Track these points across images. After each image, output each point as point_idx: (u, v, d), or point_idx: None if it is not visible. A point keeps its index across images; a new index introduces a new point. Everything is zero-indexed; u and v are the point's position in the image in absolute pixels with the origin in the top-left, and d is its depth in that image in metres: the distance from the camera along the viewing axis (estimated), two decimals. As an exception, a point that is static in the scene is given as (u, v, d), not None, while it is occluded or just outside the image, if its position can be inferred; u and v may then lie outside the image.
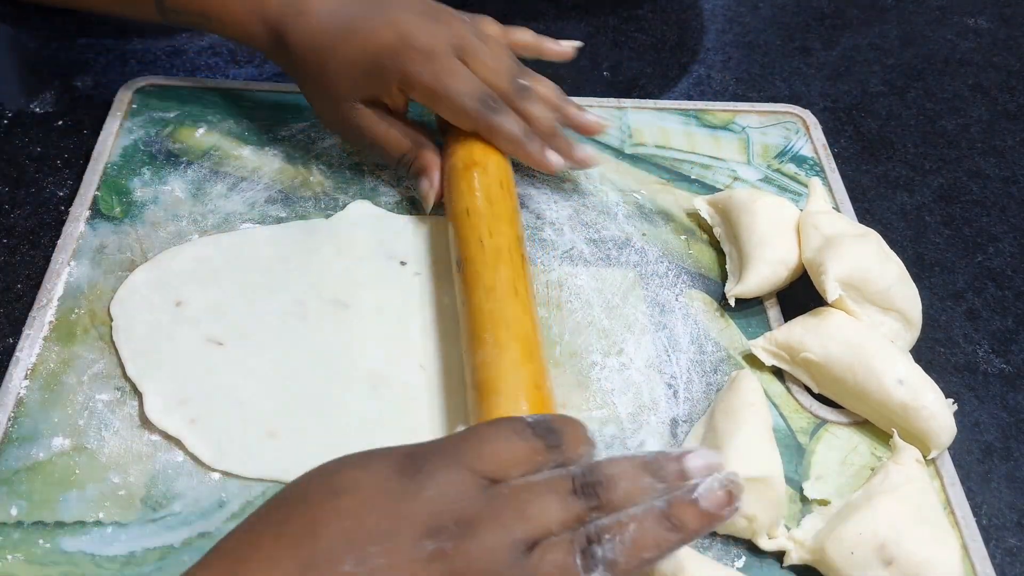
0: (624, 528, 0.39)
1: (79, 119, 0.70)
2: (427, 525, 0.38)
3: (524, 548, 0.38)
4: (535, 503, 0.39)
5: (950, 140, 0.79)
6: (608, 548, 0.39)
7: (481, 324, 0.53)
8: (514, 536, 0.38)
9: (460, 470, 0.39)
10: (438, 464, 0.40)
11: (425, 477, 0.39)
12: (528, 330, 0.53)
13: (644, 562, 0.40)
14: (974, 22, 0.91)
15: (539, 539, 0.39)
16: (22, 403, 0.53)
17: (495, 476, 0.40)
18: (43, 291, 0.58)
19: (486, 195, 0.59)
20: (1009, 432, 0.59)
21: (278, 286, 0.60)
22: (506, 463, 0.40)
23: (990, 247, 0.70)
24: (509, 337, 0.52)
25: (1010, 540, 0.54)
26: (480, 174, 0.60)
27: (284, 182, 0.66)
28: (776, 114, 0.76)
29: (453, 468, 0.39)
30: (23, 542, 0.48)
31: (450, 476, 0.39)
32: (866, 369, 0.55)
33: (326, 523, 0.37)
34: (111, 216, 0.63)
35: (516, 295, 0.54)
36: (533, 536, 0.39)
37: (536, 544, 0.39)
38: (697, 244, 0.66)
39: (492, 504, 0.39)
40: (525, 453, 0.41)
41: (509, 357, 0.51)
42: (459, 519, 0.38)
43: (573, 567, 0.38)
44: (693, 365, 0.59)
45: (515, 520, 0.39)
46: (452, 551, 0.37)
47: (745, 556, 0.50)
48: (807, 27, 0.89)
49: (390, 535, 0.37)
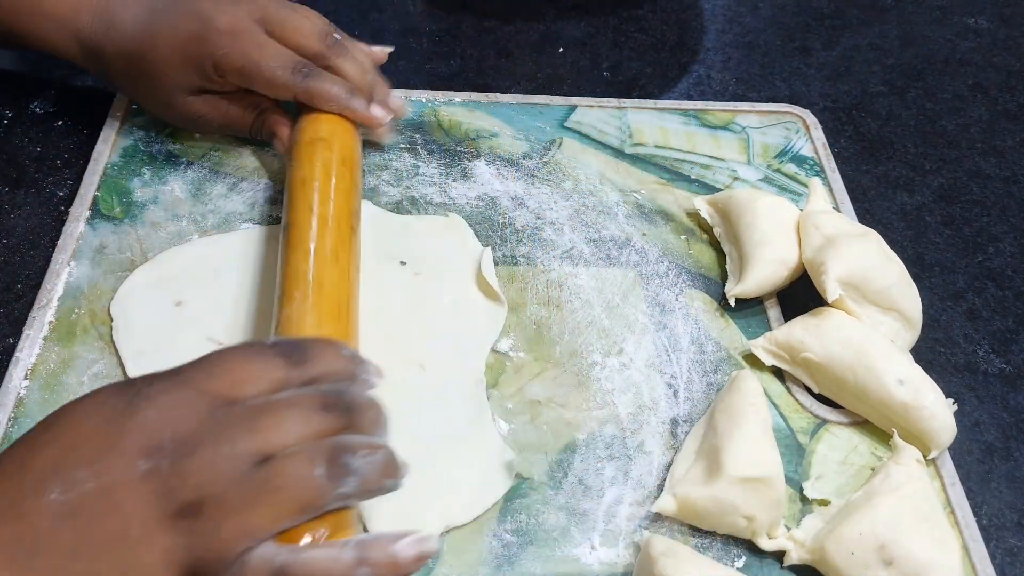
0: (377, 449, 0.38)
1: (79, 119, 0.70)
2: (141, 445, 0.36)
3: (253, 461, 0.36)
4: (268, 416, 0.37)
5: (950, 140, 0.79)
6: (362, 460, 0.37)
7: (294, 282, 0.52)
8: (238, 448, 0.36)
9: (185, 389, 0.38)
10: (162, 386, 0.38)
11: (144, 399, 0.37)
12: (343, 295, 0.53)
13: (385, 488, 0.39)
14: (974, 22, 0.91)
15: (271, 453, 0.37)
16: (22, 403, 0.53)
17: (228, 396, 0.38)
18: (43, 291, 0.58)
19: (324, 168, 0.59)
20: (1009, 432, 0.59)
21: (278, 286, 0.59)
22: (240, 381, 0.38)
23: (990, 247, 0.70)
24: (321, 297, 0.51)
25: (1010, 540, 0.54)
26: (323, 149, 0.60)
27: (284, 182, 0.66)
28: (776, 114, 0.76)
29: (178, 388, 0.38)
30: (23, 542, 0.47)
31: (173, 396, 0.37)
32: (866, 369, 0.55)
33: (35, 454, 0.36)
34: (111, 216, 0.63)
35: (336, 261, 0.54)
36: (263, 449, 0.37)
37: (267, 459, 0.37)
38: (697, 244, 0.66)
39: (218, 421, 0.37)
40: (262, 370, 0.39)
41: (315, 315, 0.50)
42: (177, 436, 0.36)
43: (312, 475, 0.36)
44: (693, 365, 0.59)
45: (241, 433, 0.37)
46: (167, 469, 0.35)
47: (745, 556, 0.50)
48: (807, 27, 0.89)
49: (100, 458, 0.35)
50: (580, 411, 0.56)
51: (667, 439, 0.55)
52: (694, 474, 0.51)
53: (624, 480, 0.53)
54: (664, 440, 0.55)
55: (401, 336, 0.58)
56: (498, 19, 0.69)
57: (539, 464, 0.53)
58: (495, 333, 0.59)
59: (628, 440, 0.55)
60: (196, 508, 0.35)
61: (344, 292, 0.53)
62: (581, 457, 0.54)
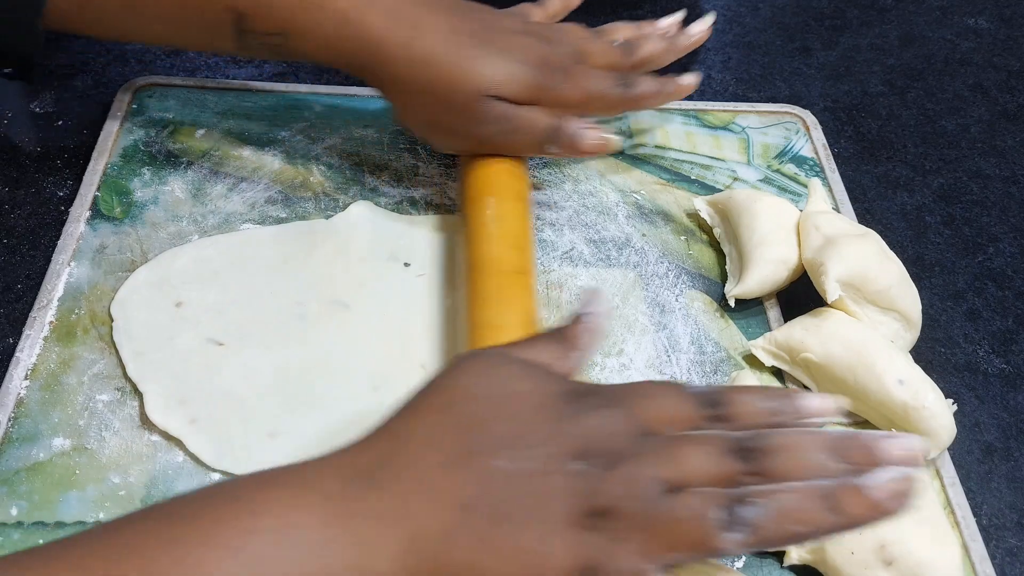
0: (776, 496, 0.38)
1: (79, 119, 0.70)
2: (579, 448, 0.39)
3: (665, 488, 0.38)
4: (684, 450, 0.40)
5: (950, 140, 0.79)
6: (754, 511, 0.37)
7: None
8: (656, 473, 0.39)
9: (620, 412, 0.41)
10: (601, 401, 0.41)
11: (587, 408, 0.40)
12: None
13: (791, 536, 0.38)
14: (974, 22, 0.91)
15: (683, 485, 0.39)
16: (22, 403, 0.53)
17: (651, 426, 0.41)
18: (43, 291, 0.58)
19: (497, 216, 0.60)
20: (1009, 432, 0.59)
21: (278, 286, 0.60)
22: (666, 420, 0.41)
23: (990, 247, 0.70)
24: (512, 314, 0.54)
25: (1010, 540, 0.54)
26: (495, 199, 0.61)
27: (284, 182, 0.66)
28: (776, 114, 0.76)
29: (614, 408, 0.41)
30: (23, 542, 0.47)
31: (610, 414, 0.40)
32: (866, 369, 0.55)
33: (492, 419, 0.40)
34: (111, 216, 0.63)
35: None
36: (676, 479, 0.39)
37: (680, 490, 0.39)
38: (697, 244, 0.66)
39: (642, 445, 0.40)
40: (688, 416, 0.41)
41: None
42: (608, 451, 0.39)
43: (710, 519, 0.37)
44: (693, 365, 0.59)
45: (660, 460, 0.39)
46: (595, 476, 0.38)
47: (745, 556, 0.50)
48: (807, 27, 0.89)
49: (546, 445, 0.39)
50: (580, 411, 0.56)
51: (667, 439, 0.55)
52: (694, 474, 0.51)
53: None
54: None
55: (402, 336, 0.58)
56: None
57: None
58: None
59: (628, 440, 0.55)
60: (606, 515, 0.38)
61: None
62: (581, 457, 0.54)
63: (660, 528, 0.38)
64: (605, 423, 0.40)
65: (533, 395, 0.41)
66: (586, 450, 0.39)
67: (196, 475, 0.51)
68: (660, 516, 0.38)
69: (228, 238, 0.62)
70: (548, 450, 0.39)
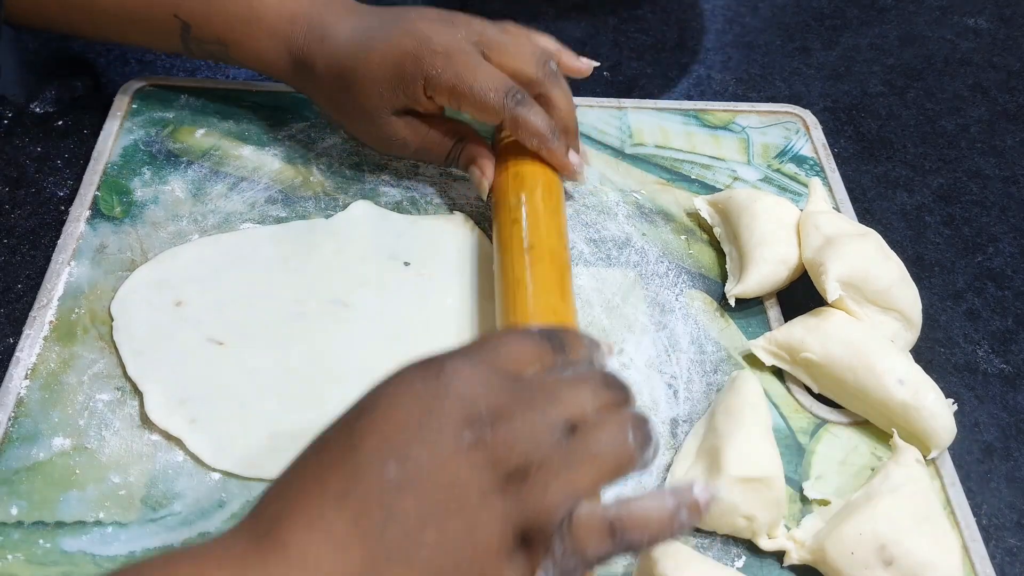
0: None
1: (79, 119, 0.70)
2: (461, 416, 0.38)
3: (564, 428, 0.39)
4: (566, 389, 0.41)
5: (950, 140, 0.79)
6: (651, 427, 0.41)
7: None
8: (550, 417, 0.39)
9: (481, 365, 0.40)
10: (459, 363, 0.40)
11: (449, 375, 0.39)
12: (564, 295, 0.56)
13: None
14: (974, 22, 0.91)
15: (576, 422, 0.40)
16: (22, 403, 0.53)
17: (515, 373, 0.41)
18: (43, 291, 0.58)
19: (530, 201, 0.61)
20: (1009, 432, 0.59)
21: (278, 286, 0.60)
22: (520, 361, 0.42)
23: (990, 247, 0.70)
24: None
25: (1010, 540, 0.54)
26: (528, 180, 0.61)
27: (284, 182, 0.66)
28: (776, 114, 0.76)
29: (475, 365, 0.40)
30: (23, 542, 0.48)
31: (474, 371, 0.40)
32: (866, 369, 0.55)
33: (362, 437, 0.38)
34: (111, 216, 0.63)
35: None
36: (569, 417, 0.40)
37: (575, 428, 0.39)
38: (697, 244, 0.66)
39: (522, 392, 0.40)
40: (536, 352, 0.42)
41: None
42: (491, 407, 0.38)
43: (630, 444, 0.40)
44: (693, 365, 0.59)
45: (548, 403, 0.40)
46: (491, 438, 0.38)
47: (745, 556, 0.50)
48: (807, 27, 0.89)
49: (427, 432, 0.37)
50: (580, 411, 0.56)
51: (667, 439, 0.55)
52: (694, 474, 0.51)
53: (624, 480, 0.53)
54: (664, 440, 0.55)
55: (402, 336, 0.58)
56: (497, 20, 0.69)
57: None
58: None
59: (628, 440, 0.55)
60: (523, 473, 0.38)
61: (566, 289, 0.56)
62: (581, 457, 0.54)
63: (583, 466, 0.39)
64: (475, 381, 0.39)
65: (390, 393, 0.39)
66: (469, 415, 0.38)
67: (196, 475, 0.51)
68: (578, 455, 0.39)
69: (228, 238, 0.62)
70: (433, 435, 0.37)
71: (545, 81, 0.62)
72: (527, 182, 0.61)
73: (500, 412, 0.39)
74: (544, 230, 0.58)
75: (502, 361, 0.41)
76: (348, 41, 0.61)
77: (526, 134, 0.61)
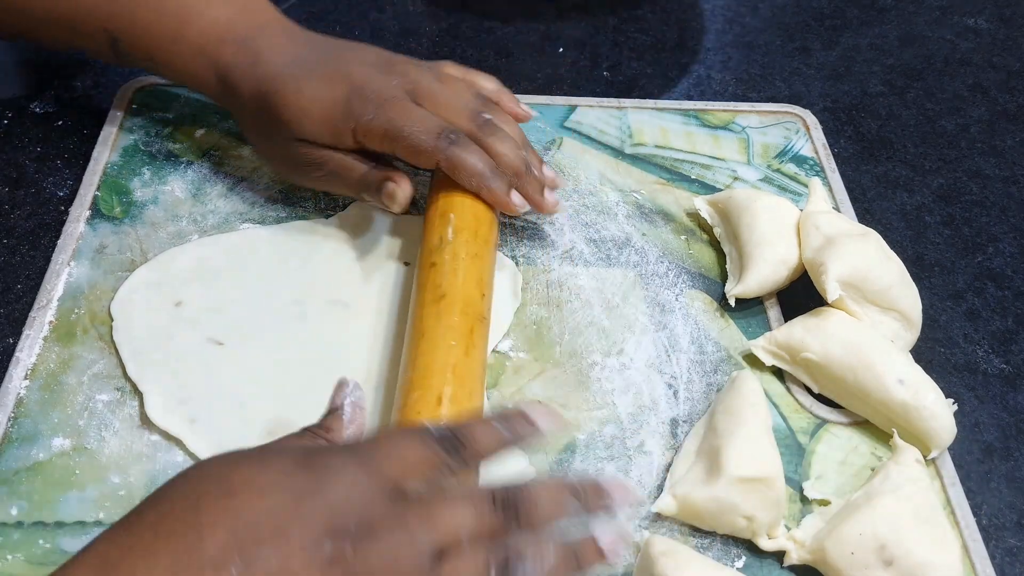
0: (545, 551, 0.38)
1: (79, 119, 0.70)
2: (326, 525, 0.35)
3: (431, 556, 0.36)
4: (446, 510, 0.38)
5: (950, 140, 0.79)
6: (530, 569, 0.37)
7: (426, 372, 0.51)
8: (419, 542, 0.36)
9: (363, 470, 0.37)
10: (340, 463, 0.37)
11: (327, 475, 0.37)
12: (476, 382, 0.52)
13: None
14: (974, 22, 0.91)
15: (448, 549, 0.37)
16: (22, 403, 0.53)
17: (398, 479, 0.38)
18: (43, 291, 0.58)
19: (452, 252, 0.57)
20: (1009, 432, 0.59)
21: (278, 286, 0.60)
22: (407, 468, 0.39)
23: (990, 247, 0.70)
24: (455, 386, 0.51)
25: (1010, 540, 0.54)
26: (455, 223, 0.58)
27: (284, 182, 0.66)
28: (776, 114, 0.76)
29: (356, 468, 0.37)
30: (23, 542, 0.48)
31: (354, 476, 0.37)
32: (866, 369, 0.55)
33: (213, 524, 0.34)
34: (111, 216, 0.63)
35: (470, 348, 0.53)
36: (440, 544, 0.37)
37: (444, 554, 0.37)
38: (697, 244, 0.66)
39: (397, 508, 0.37)
40: (426, 458, 0.39)
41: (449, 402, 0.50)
42: (361, 520, 0.36)
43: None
44: (693, 365, 0.59)
45: (421, 525, 0.37)
46: (352, 555, 0.35)
47: (745, 556, 0.50)
48: (807, 27, 0.89)
49: (284, 535, 0.35)
50: (580, 411, 0.56)
51: (667, 439, 0.55)
52: (694, 474, 0.51)
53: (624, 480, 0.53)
54: (664, 440, 0.55)
55: (402, 336, 0.58)
56: (498, 19, 0.68)
57: (539, 464, 0.53)
58: (499, 334, 0.58)
59: (628, 440, 0.55)
60: None
61: (478, 377, 0.52)
62: (581, 457, 0.54)
63: None
64: (352, 489, 0.36)
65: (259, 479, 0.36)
66: (335, 526, 0.35)
67: (196, 475, 0.51)
68: None
69: (228, 238, 0.62)
70: (290, 540, 0.34)
71: (478, 133, 0.59)
72: (455, 222, 0.58)
73: (369, 527, 0.36)
74: (462, 278, 0.55)
75: (387, 467, 0.38)
76: (281, 70, 0.59)
77: (464, 175, 0.58)
